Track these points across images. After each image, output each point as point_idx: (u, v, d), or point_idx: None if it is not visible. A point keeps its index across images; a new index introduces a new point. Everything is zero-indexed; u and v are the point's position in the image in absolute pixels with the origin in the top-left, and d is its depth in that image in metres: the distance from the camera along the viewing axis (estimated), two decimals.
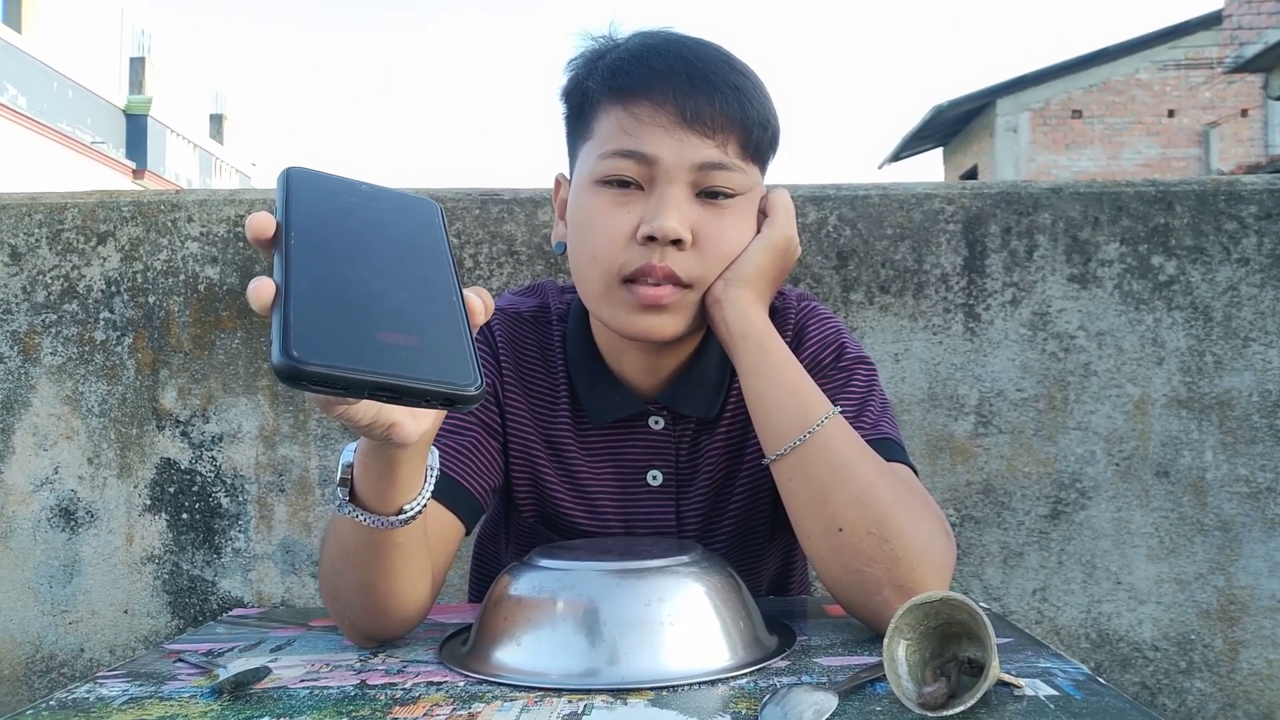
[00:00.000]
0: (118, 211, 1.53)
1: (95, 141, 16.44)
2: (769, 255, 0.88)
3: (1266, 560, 1.50)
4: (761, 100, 0.87)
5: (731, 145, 0.85)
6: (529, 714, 0.64)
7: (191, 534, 1.53)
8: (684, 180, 0.84)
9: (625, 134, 0.84)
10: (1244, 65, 10.72)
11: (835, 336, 0.97)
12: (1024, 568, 1.51)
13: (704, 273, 0.86)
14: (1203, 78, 12.95)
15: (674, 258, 0.84)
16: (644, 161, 0.84)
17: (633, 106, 0.84)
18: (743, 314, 0.86)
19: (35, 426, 1.52)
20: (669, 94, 0.83)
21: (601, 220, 0.85)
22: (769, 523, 1.00)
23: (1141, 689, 1.49)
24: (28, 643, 1.52)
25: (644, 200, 0.85)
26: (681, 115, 0.83)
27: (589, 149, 0.88)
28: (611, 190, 0.86)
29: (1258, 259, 1.51)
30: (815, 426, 0.82)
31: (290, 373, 0.51)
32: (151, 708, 0.68)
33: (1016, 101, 13.64)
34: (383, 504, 0.72)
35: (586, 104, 0.89)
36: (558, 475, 0.96)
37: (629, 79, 0.85)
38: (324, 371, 0.51)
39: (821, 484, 0.81)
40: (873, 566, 0.79)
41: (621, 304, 0.86)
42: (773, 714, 0.62)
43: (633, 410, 0.95)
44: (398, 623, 0.82)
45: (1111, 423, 1.51)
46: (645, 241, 0.84)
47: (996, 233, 1.52)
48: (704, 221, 0.85)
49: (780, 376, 0.86)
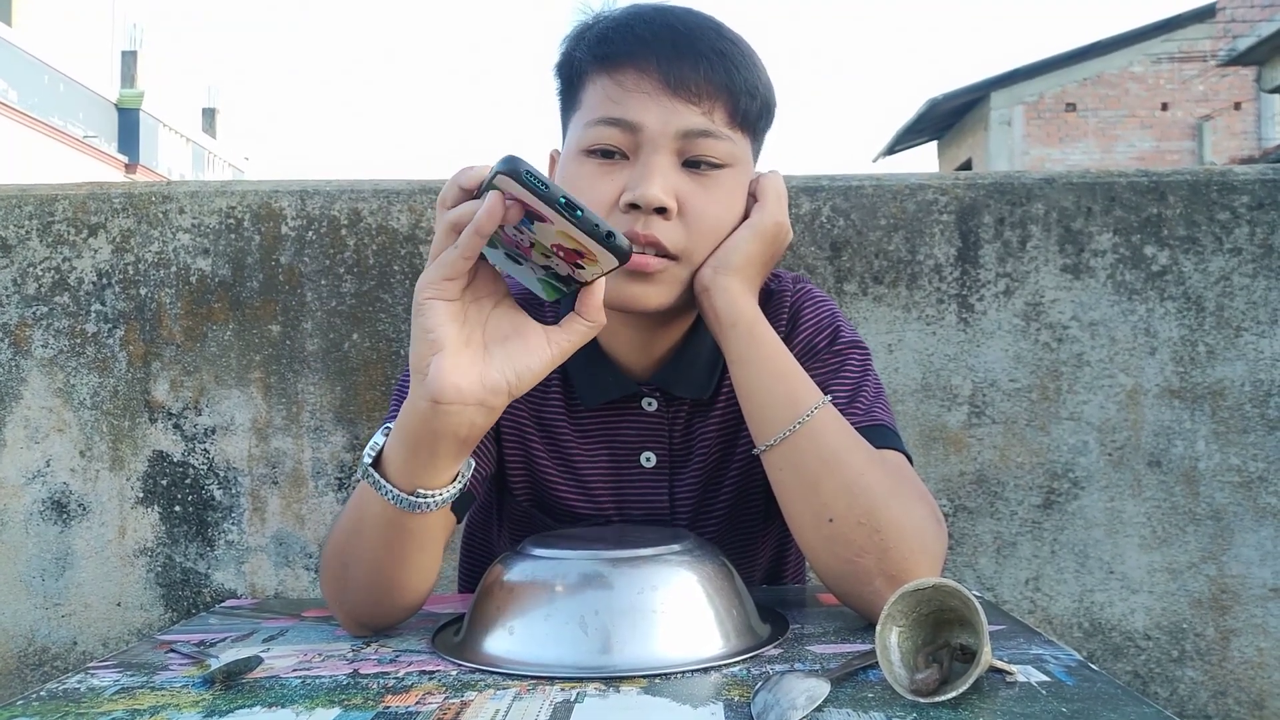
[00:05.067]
0: (108, 203, 1.53)
1: (87, 136, 16.36)
2: (758, 242, 0.86)
3: (1258, 549, 1.50)
4: (750, 68, 0.86)
5: (718, 112, 0.83)
6: (521, 702, 0.64)
7: (184, 526, 1.52)
8: (669, 148, 0.83)
9: (611, 102, 0.83)
10: (1237, 58, 10.73)
11: (830, 320, 0.96)
12: (1017, 557, 1.51)
13: (690, 244, 0.84)
14: (1196, 71, 12.97)
15: (659, 227, 0.82)
16: (629, 129, 0.83)
17: (618, 75, 0.83)
18: (731, 302, 0.85)
19: (26, 419, 1.52)
20: (653, 61, 0.82)
21: (586, 189, 0.84)
22: (763, 507, 0.99)
23: (1134, 678, 1.50)
24: (20, 636, 1.51)
25: (629, 169, 0.84)
26: (666, 82, 0.82)
27: (577, 119, 0.87)
28: (596, 160, 0.85)
29: (1250, 249, 1.51)
30: (805, 416, 0.81)
31: (513, 162, 0.64)
32: (143, 697, 0.68)
33: (1011, 95, 13.65)
34: (408, 483, 0.74)
35: (575, 75, 0.88)
36: (550, 457, 0.96)
37: (614, 47, 0.84)
38: (539, 173, 0.64)
39: (811, 474, 0.81)
40: (864, 557, 0.78)
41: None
42: (765, 701, 0.62)
43: (625, 391, 0.94)
44: (397, 611, 0.83)
45: (1104, 413, 1.51)
46: (629, 209, 0.82)
47: (990, 223, 1.52)
48: (690, 191, 0.84)
49: (770, 366, 0.84)
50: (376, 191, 1.52)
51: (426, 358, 0.70)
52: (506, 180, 0.64)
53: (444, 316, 0.69)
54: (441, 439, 0.72)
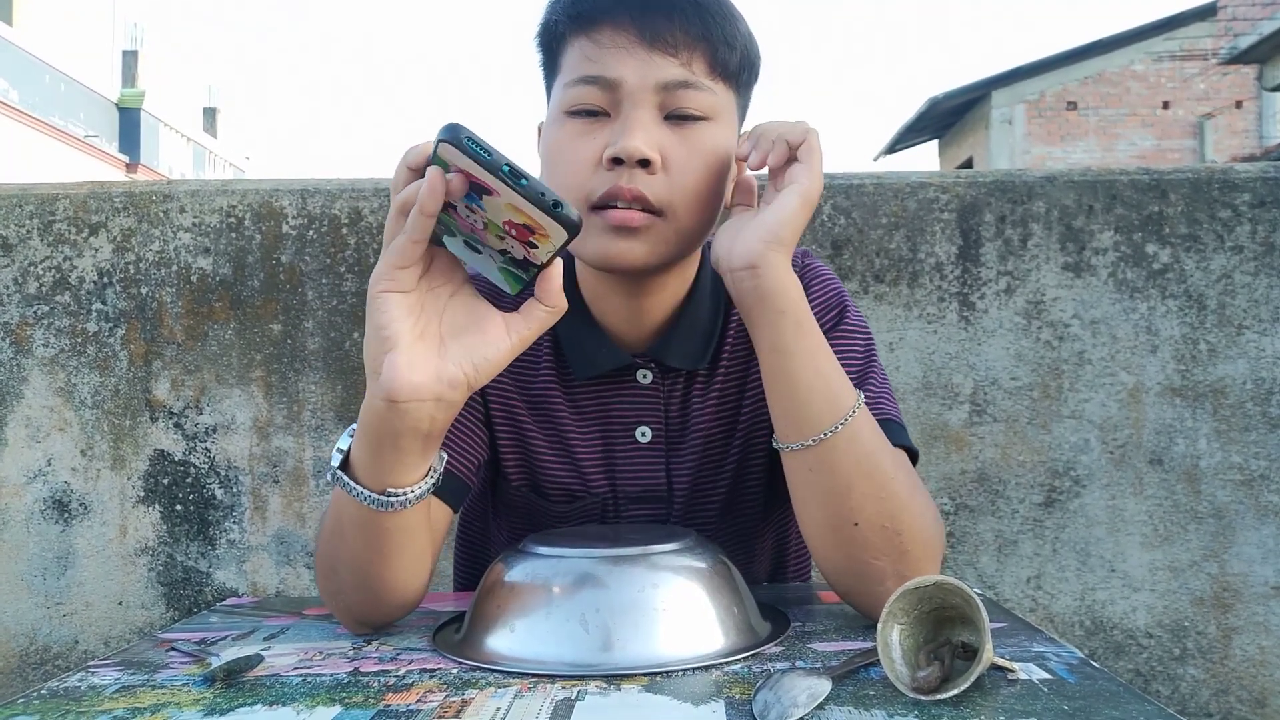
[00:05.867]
0: (109, 202, 1.53)
1: (88, 135, 16.37)
2: (807, 211, 0.79)
3: (1259, 547, 1.50)
4: (727, 18, 0.83)
5: (697, 63, 0.81)
6: (522, 700, 0.64)
7: (185, 525, 1.52)
8: (650, 102, 0.81)
9: (588, 60, 0.82)
10: (1238, 57, 10.72)
11: (837, 299, 0.92)
12: (1018, 556, 1.51)
13: (675, 198, 0.81)
14: (1197, 69, 12.96)
15: (643, 180, 0.80)
16: (608, 86, 0.81)
17: (594, 33, 0.82)
18: (782, 284, 0.77)
19: (28, 418, 1.52)
20: (628, 16, 0.80)
21: (569, 148, 0.82)
22: (761, 497, 0.97)
23: (1135, 676, 1.50)
24: (22, 635, 1.52)
25: (611, 126, 0.81)
26: (642, 35, 0.80)
27: (558, 84, 0.85)
28: (578, 120, 0.82)
29: (1251, 247, 1.51)
30: (846, 418, 0.77)
31: (455, 129, 0.62)
32: (144, 696, 0.68)
33: (1012, 93, 13.64)
34: (377, 482, 0.72)
35: (554, 41, 0.86)
36: (544, 434, 0.93)
37: (589, 5, 0.82)
38: (481, 139, 0.63)
39: (845, 479, 0.77)
40: (881, 559, 0.77)
41: (593, 230, 0.81)
42: (766, 699, 0.62)
43: (618, 363, 0.90)
44: (392, 609, 0.82)
45: (1105, 411, 1.51)
46: (612, 165, 0.80)
47: (991, 221, 1.52)
48: (673, 144, 0.81)
49: (814, 361, 0.78)
50: (377, 190, 1.52)
51: (380, 356, 0.68)
52: (450, 150, 0.63)
53: (397, 311, 0.68)
54: (403, 436, 0.70)
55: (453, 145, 0.62)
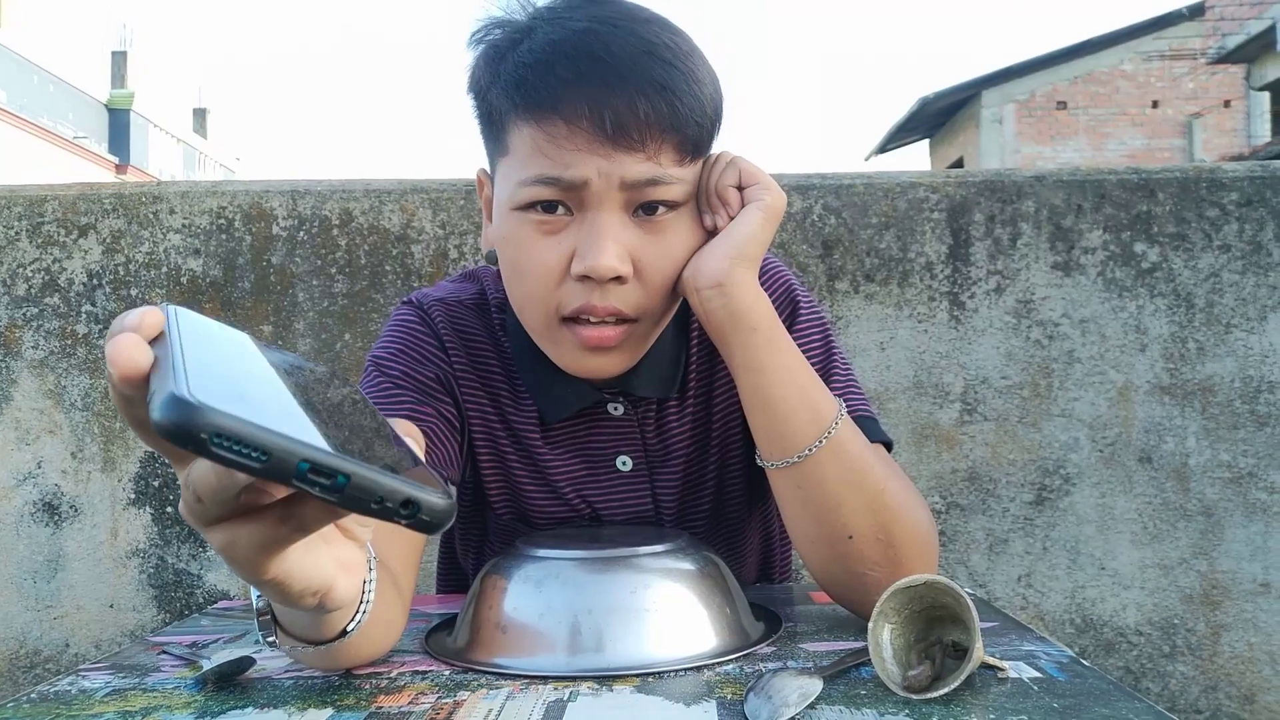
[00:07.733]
0: (99, 204, 1.52)
1: (78, 136, 16.31)
2: (771, 226, 0.77)
3: (1248, 544, 1.51)
4: (694, 91, 0.74)
5: (665, 154, 0.74)
6: (514, 702, 0.64)
7: (176, 528, 1.52)
8: (615, 201, 0.74)
9: (543, 156, 0.73)
10: (1226, 56, 10.79)
11: (787, 292, 0.89)
12: (1009, 554, 1.52)
13: (649, 302, 0.77)
14: (1186, 69, 13.02)
15: (616, 294, 0.75)
16: (569, 187, 0.74)
17: (546, 125, 0.73)
18: (751, 301, 0.76)
19: (17, 421, 1.51)
20: (584, 106, 0.71)
21: (531, 255, 0.76)
22: (744, 496, 0.96)
23: (1125, 673, 1.51)
24: (12, 639, 1.51)
25: (575, 227, 0.75)
26: (602, 129, 0.71)
27: (507, 167, 0.78)
28: (536, 217, 0.75)
29: (1239, 246, 1.52)
30: (830, 430, 0.75)
31: (187, 417, 0.34)
32: (134, 699, 0.67)
33: (1002, 93, 13.69)
34: (317, 634, 0.62)
35: (495, 115, 0.78)
36: (527, 469, 0.91)
37: (536, 94, 0.73)
38: (239, 425, 0.35)
39: (834, 493, 0.76)
40: (876, 570, 0.77)
41: (566, 343, 0.78)
42: (757, 699, 0.62)
43: (586, 402, 0.88)
44: (374, 659, 0.75)
45: (1095, 409, 1.51)
46: (581, 279, 0.75)
47: (981, 221, 1.52)
48: (644, 246, 0.76)
49: (791, 376, 0.76)
50: (368, 191, 1.52)
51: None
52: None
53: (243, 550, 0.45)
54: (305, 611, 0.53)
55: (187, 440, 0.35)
